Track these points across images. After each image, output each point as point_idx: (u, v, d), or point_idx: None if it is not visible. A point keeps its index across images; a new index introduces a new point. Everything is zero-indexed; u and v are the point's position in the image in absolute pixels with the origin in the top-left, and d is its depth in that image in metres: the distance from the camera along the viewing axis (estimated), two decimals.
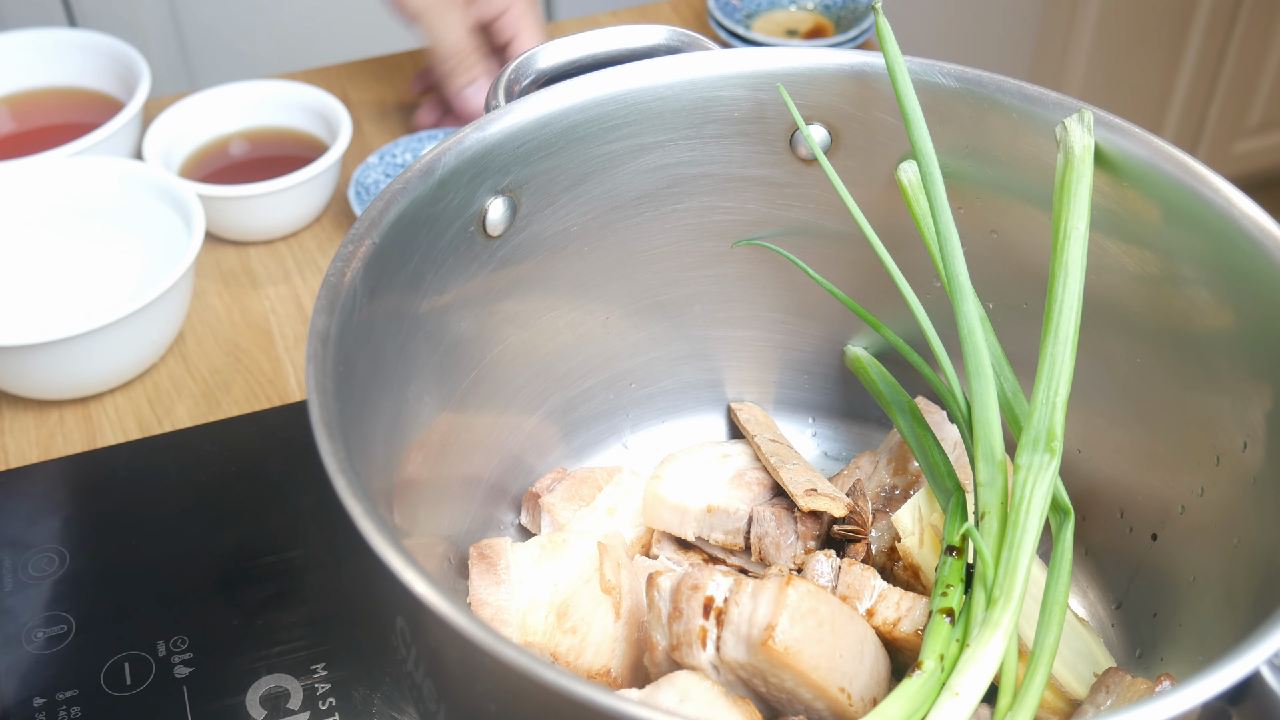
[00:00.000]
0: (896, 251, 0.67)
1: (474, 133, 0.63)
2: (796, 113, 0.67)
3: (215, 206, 0.94)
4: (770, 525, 0.66)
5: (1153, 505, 0.66)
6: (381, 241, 0.59)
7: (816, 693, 0.56)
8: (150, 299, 0.82)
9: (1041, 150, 0.64)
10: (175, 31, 1.46)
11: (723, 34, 1.14)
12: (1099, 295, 0.64)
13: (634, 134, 0.68)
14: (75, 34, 1.04)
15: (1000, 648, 0.54)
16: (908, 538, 0.64)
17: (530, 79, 0.70)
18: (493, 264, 0.66)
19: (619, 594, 0.65)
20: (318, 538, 0.77)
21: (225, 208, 0.94)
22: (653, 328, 0.76)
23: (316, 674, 0.69)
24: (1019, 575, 0.55)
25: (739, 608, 0.57)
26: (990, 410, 0.60)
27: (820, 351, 0.78)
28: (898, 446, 0.73)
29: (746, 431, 0.75)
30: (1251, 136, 2.29)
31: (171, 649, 0.71)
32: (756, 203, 0.72)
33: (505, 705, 0.49)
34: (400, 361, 0.61)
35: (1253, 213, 0.58)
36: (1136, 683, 0.57)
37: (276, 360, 0.90)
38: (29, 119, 1.03)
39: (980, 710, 0.56)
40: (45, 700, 0.68)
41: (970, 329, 0.62)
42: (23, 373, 0.82)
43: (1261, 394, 0.58)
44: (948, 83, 0.66)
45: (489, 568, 0.64)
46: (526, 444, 0.74)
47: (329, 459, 0.49)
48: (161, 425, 0.85)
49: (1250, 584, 0.57)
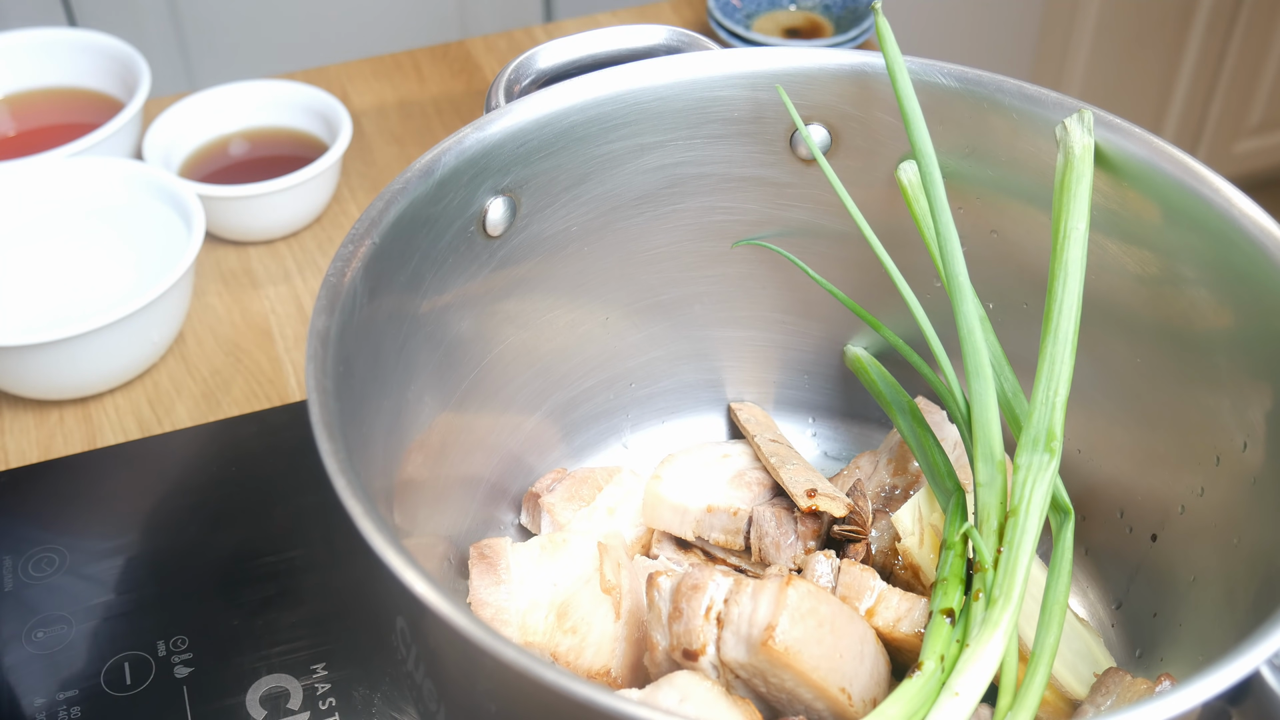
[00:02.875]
0: (896, 251, 0.67)
1: (474, 133, 0.63)
2: (795, 114, 0.67)
3: (215, 207, 0.94)
4: (770, 525, 0.66)
5: (1153, 505, 0.66)
6: (381, 241, 0.58)
7: (817, 693, 0.56)
8: (150, 299, 0.82)
9: (1041, 150, 0.64)
10: (175, 31, 1.46)
11: (723, 34, 1.14)
12: (1099, 295, 0.64)
13: (634, 134, 0.68)
14: (75, 34, 1.04)
15: (1000, 648, 0.54)
16: (908, 538, 0.64)
17: (530, 79, 0.70)
18: (493, 264, 0.66)
19: (619, 594, 0.65)
20: (318, 538, 0.77)
21: (225, 208, 0.94)
22: (653, 328, 0.76)
23: (316, 674, 0.69)
24: (1019, 575, 0.55)
25: (739, 608, 0.57)
26: (990, 410, 0.60)
27: (820, 351, 0.78)
28: (898, 446, 0.73)
29: (746, 431, 0.75)
30: (1251, 136, 2.29)
31: (171, 649, 0.71)
32: (756, 203, 0.72)
33: (505, 705, 0.49)
34: (400, 361, 0.61)
35: (1253, 213, 0.58)
36: (1136, 683, 0.57)
37: (276, 360, 0.90)
38: (29, 119, 1.03)
39: (980, 710, 0.56)
40: (45, 700, 0.68)
41: (970, 329, 0.62)
42: (23, 373, 0.82)
43: (1261, 394, 0.58)
44: (948, 83, 0.66)
45: (489, 568, 0.64)
46: (526, 444, 0.74)
47: (329, 459, 0.49)
48: (161, 425, 0.85)
49: (1250, 584, 0.57)
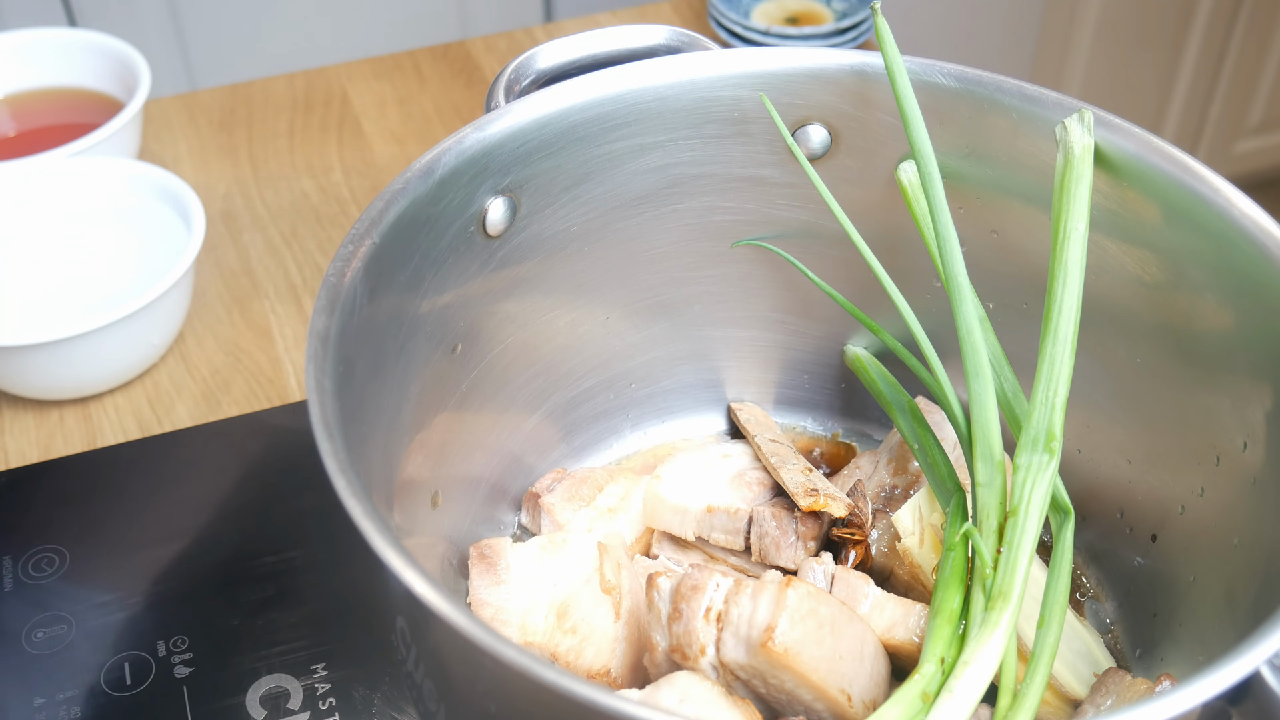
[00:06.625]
0: (896, 252, 0.67)
1: (474, 133, 0.63)
2: (781, 124, 0.67)
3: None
4: (770, 525, 0.66)
5: (1153, 505, 0.66)
6: (381, 241, 0.58)
7: (816, 694, 0.56)
8: (150, 299, 0.82)
9: (1041, 150, 0.64)
10: (175, 31, 1.46)
11: (723, 34, 1.14)
12: (1099, 295, 0.64)
13: (634, 134, 0.68)
14: (75, 34, 1.04)
15: (1000, 648, 0.54)
16: (908, 538, 0.64)
17: (530, 79, 0.70)
18: (493, 264, 0.66)
19: (619, 594, 0.65)
20: (318, 538, 0.77)
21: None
22: (653, 328, 0.76)
23: (316, 674, 0.69)
24: (1018, 575, 0.55)
25: (739, 609, 0.57)
26: (989, 410, 0.60)
27: (820, 351, 0.78)
28: (898, 446, 0.73)
29: (746, 431, 0.75)
30: (1251, 136, 2.29)
31: (171, 649, 0.71)
32: (756, 203, 0.72)
33: (505, 705, 0.49)
34: (400, 361, 0.61)
35: (1253, 213, 0.58)
36: (1136, 683, 0.57)
37: (276, 360, 0.90)
38: (29, 119, 1.03)
39: (980, 710, 0.56)
40: (45, 700, 0.68)
41: (969, 329, 0.62)
42: (23, 373, 0.82)
43: (1261, 394, 0.58)
44: (948, 83, 0.66)
45: (489, 568, 0.64)
46: (526, 444, 0.74)
47: (329, 459, 0.49)
48: (161, 425, 0.85)
49: (1250, 584, 0.57)
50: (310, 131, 1.11)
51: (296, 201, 1.03)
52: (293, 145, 1.09)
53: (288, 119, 1.12)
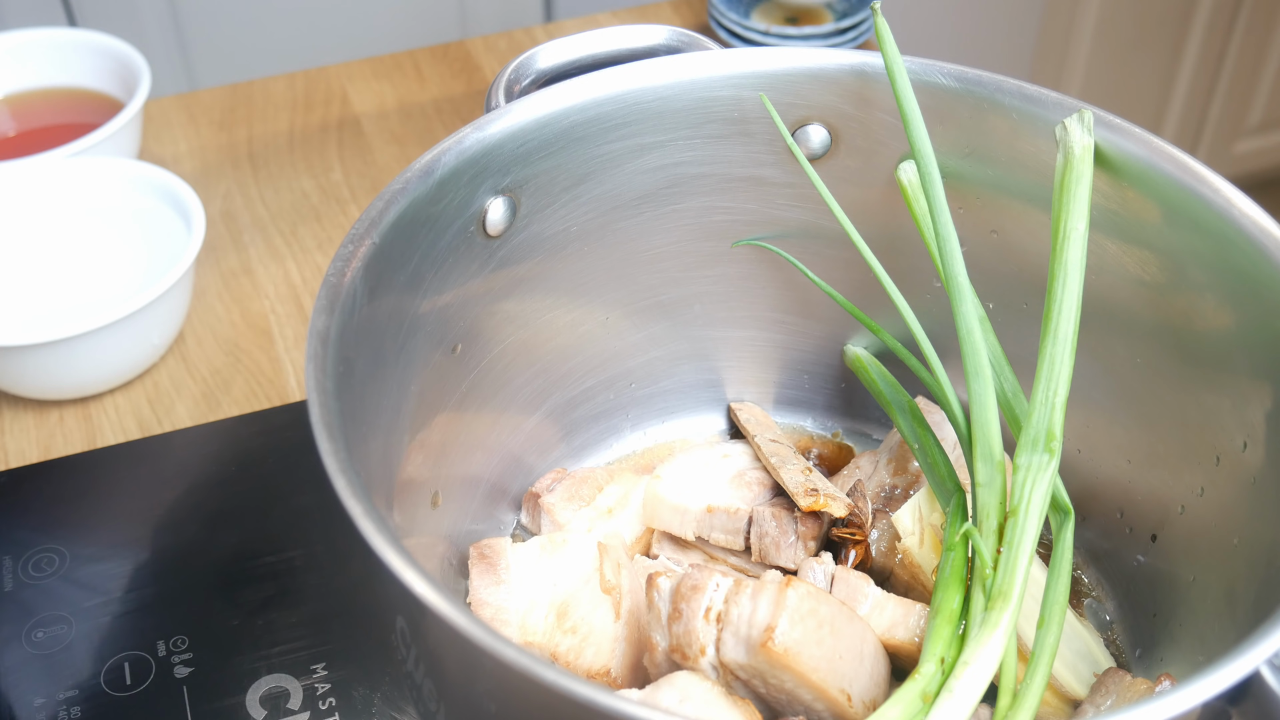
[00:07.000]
0: (896, 252, 0.67)
1: (474, 133, 0.63)
2: (781, 124, 0.67)
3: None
4: (770, 525, 0.66)
5: (1153, 505, 0.66)
6: (381, 241, 0.58)
7: (816, 694, 0.56)
8: (150, 299, 0.82)
9: (1041, 150, 0.64)
10: (175, 31, 1.46)
11: (722, 34, 1.14)
12: (1099, 295, 0.64)
13: (634, 134, 0.68)
14: (75, 34, 1.04)
15: (1000, 648, 0.54)
16: (908, 538, 0.64)
17: (530, 79, 0.70)
18: (493, 264, 0.66)
19: (619, 594, 0.65)
20: (318, 538, 0.77)
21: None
22: (653, 328, 0.76)
23: (316, 674, 0.69)
24: (1018, 575, 0.55)
25: (738, 609, 0.57)
26: (989, 410, 0.60)
27: (820, 351, 0.78)
28: (898, 446, 0.73)
29: (746, 431, 0.75)
30: (1251, 136, 2.29)
31: (171, 649, 0.71)
32: (756, 203, 0.72)
33: (505, 705, 0.49)
34: (400, 361, 0.61)
35: (1253, 213, 0.58)
36: (1136, 683, 0.57)
37: (276, 360, 0.90)
38: (29, 119, 1.03)
39: (980, 710, 0.56)
40: (45, 700, 0.68)
41: (969, 329, 0.62)
42: (23, 373, 0.82)
43: (1261, 394, 0.58)
44: (947, 83, 0.66)
45: (489, 568, 0.64)
46: (526, 444, 0.74)
47: (329, 459, 0.49)
48: (161, 425, 0.85)
49: (1250, 584, 0.57)
50: (310, 131, 1.10)
51: (296, 201, 1.03)
52: (293, 145, 1.09)
53: (288, 119, 1.12)
